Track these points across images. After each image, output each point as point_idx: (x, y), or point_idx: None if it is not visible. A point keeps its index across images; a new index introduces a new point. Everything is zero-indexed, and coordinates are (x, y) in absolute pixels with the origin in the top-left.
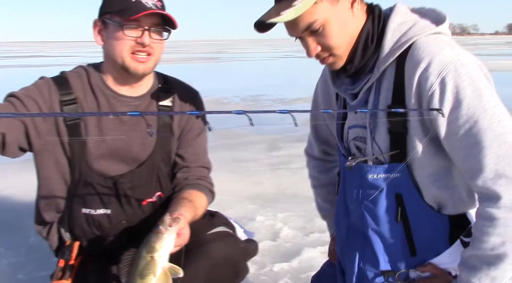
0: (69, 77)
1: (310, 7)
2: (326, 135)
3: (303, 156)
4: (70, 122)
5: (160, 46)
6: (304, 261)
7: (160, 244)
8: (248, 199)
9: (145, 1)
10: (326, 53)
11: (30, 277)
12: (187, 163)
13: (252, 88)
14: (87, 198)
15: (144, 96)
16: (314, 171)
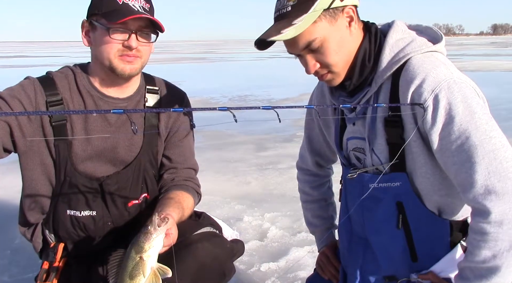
0: (55, 78)
1: (309, 26)
2: (320, 147)
3: (291, 156)
4: (56, 123)
5: (148, 49)
6: (292, 260)
7: (149, 244)
8: (236, 199)
9: (132, 3)
10: (325, 70)
11: (15, 280)
12: (174, 165)
13: (240, 88)
14: (72, 200)
15: (131, 97)
16: (306, 187)
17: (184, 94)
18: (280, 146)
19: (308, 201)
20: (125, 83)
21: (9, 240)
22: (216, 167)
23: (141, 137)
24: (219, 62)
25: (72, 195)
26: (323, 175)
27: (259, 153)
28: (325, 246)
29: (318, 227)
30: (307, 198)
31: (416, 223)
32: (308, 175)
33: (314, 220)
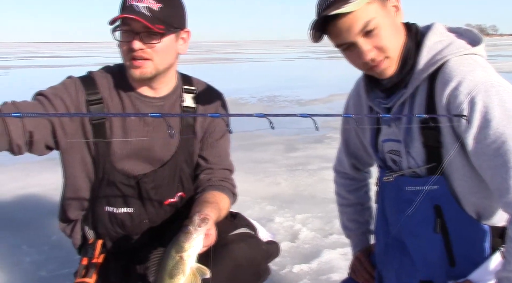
0: (96, 77)
1: (364, 5)
2: (356, 149)
3: (321, 157)
4: (96, 121)
5: (161, 49)
6: (324, 262)
7: (189, 244)
8: (266, 200)
9: (137, 4)
10: (382, 56)
11: (53, 275)
12: (210, 165)
13: (269, 88)
14: (110, 197)
15: (168, 96)
16: (342, 190)
17: (220, 94)
18: (310, 147)
19: (344, 205)
20: (156, 83)
21: (46, 236)
22: (246, 168)
23: (178, 137)
24: (247, 62)
25: (110, 192)
26: (360, 179)
27: (289, 154)
28: (359, 250)
29: (353, 231)
30: (343, 202)
31: (454, 227)
32: (344, 178)
33: (349, 224)
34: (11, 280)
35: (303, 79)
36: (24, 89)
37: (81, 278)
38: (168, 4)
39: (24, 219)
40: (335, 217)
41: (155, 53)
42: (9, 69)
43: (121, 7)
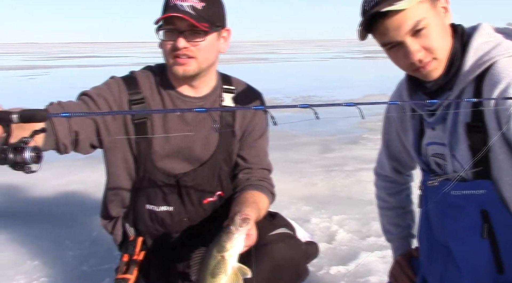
0: (138, 77)
1: (415, 4)
2: (398, 152)
3: (357, 158)
4: (138, 121)
5: (204, 47)
6: (361, 265)
7: (231, 244)
8: (302, 201)
9: (180, 3)
10: (429, 57)
11: (94, 270)
12: (249, 165)
13: (304, 89)
14: (151, 195)
15: (208, 96)
16: (383, 193)
17: (260, 94)
18: (346, 147)
19: (385, 208)
20: (197, 83)
21: (87, 232)
22: (282, 168)
23: (217, 136)
24: (282, 62)
25: (150, 191)
26: (402, 182)
27: (325, 155)
28: (400, 255)
29: (394, 235)
30: (384, 205)
31: (502, 233)
32: (385, 181)
33: (390, 227)
34: (55, 273)
35: (338, 79)
36: (63, 88)
37: (122, 274)
38: (211, 3)
39: (66, 215)
40: (372, 219)
41: (198, 51)
42: (49, 69)
43: (165, 6)
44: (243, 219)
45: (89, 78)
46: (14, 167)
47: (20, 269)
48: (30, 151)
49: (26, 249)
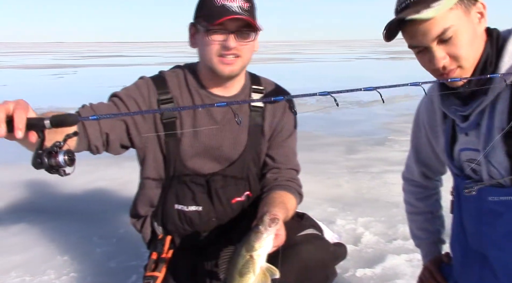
0: (167, 77)
1: (446, 11)
2: (427, 158)
3: (383, 160)
4: (166, 120)
5: (248, 48)
6: (388, 268)
7: (260, 243)
8: (328, 202)
9: (229, 4)
10: (454, 65)
11: (122, 266)
12: (277, 165)
13: (327, 89)
14: (180, 195)
15: (237, 96)
16: (411, 198)
17: (288, 94)
18: (372, 149)
19: (414, 213)
20: (229, 82)
21: (114, 229)
22: (307, 168)
23: (246, 136)
24: (306, 62)
25: (180, 190)
26: (431, 187)
27: (350, 156)
28: (429, 260)
29: (423, 240)
30: (413, 210)
31: None
32: (414, 186)
33: (419, 232)
34: (84, 269)
35: (363, 80)
36: (91, 87)
37: (151, 272)
38: (252, 3)
39: (94, 212)
40: (399, 222)
41: (244, 51)
42: (77, 68)
43: (210, 7)
44: (272, 219)
45: (116, 77)
46: (49, 170)
47: (50, 264)
48: (63, 155)
49: (56, 244)
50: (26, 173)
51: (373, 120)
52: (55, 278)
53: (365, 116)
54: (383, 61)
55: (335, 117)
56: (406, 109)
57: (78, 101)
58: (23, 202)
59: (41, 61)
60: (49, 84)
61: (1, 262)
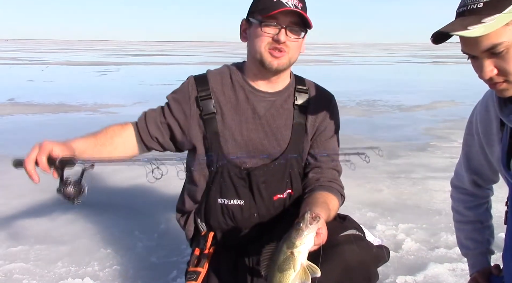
0: (208, 75)
1: (499, 27)
2: (479, 166)
3: (424, 166)
4: (206, 116)
5: (296, 45)
6: (430, 276)
7: (300, 240)
8: (367, 207)
9: (286, 0)
10: (501, 78)
11: (162, 261)
12: (319, 164)
13: (368, 92)
14: (223, 189)
15: (281, 92)
16: (460, 206)
17: (332, 96)
18: (413, 155)
19: (462, 222)
20: (275, 78)
21: (155, 224)
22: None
23: (289, 133)
24: (345, 65)
25: (223, 184)
26: (481, 196)
27: (390, 161)
28: (477, 271)
29: (471, 250)
30: (461, 219)
31: None
32: (463, 194)
33: (467, 242)
34: (126, 262)
35: (404, 84)
36: (133, 84)
37: (194, 267)
38: (305, 4)
39: (135, 206)
40: (441, 230)
41: (292, 47)
42: (120, 66)
43: (266, 2)
44: (313, 217)
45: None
46: (65, 199)
47: (94, 256)
48: (72, 187)
49: (100, 237)
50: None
51: (415, 125)
52: (98, 270)
53: (406, 120)
54: (425, 65)
55: (376, 121)
56: (450, 114)
57: (119, 97)
58: None
59: (85, 58)
60: (93, 80)
61: (49, 251)
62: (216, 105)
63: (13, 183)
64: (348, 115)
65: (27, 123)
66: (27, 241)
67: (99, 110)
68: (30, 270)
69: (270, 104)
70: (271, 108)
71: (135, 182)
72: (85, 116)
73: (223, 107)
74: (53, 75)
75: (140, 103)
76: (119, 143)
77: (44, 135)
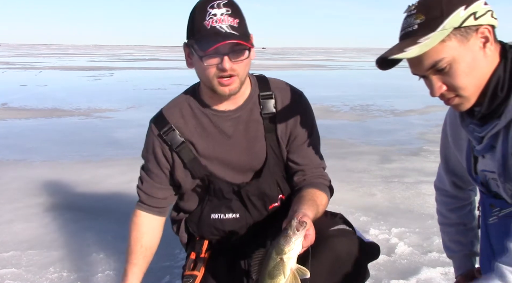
0: (165, 112)
1: (436, 45)
2: (456, 167)
3: (417, 170)
4: (178, 148)
5: (243, 64)
6: (423, 280)
7: (289, 247)
8: (360, 211)
9: (220, 25)
10: (452, 94)
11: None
12: (301, 167)
13: (362, 97)
14: (216, 205)
15: (243, 106)
16: (443, 208)
17: (300, 94)
18: (406, 159)
19: (446, 224)
20: (232, 97)
21: None
22: (340, 176)
23: (264, 144)
24: (340, 70)
25: (216, 200)
26: (463, 198)
27: (384, 165)
28: (461, 274)
29: (456, 252)
30: (445, 221)
31: None
32: (445, 196)
33: (451, 244)
34: (119, 267)
35: (398, 89)
36: (127, 89)
37: (190, 271)
38: (240, 16)
39: (129, 211)
40: (434, 234)
41: (240, 68)
42: (114, 70)
43: (201, 30)
44: (300, 223)
45: (151, 80)
46: None
47: (86, 261)
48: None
49: (92, 242)
50: (65, 171)
51: (408, 129)
52: (91, 275)
53: (400, 125)
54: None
55: (369, 126)
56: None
57: (113, 101)
58: (62, 200)
59: (79, 63)
60: (86, 85)
61: (41, 257)
62: (184, 135)
63: (5, 188)
64: (342, 119)
65: (20, 127)
66: (18, 246)
67: (92, 114)
68: (21, 276)
69: (236, 121)
70: (238, 124)
71: (127, 187)
72: (78, 120)
73: (191, 137)
74: (46, 80)
75: (134, 108)
76: (150, 239)
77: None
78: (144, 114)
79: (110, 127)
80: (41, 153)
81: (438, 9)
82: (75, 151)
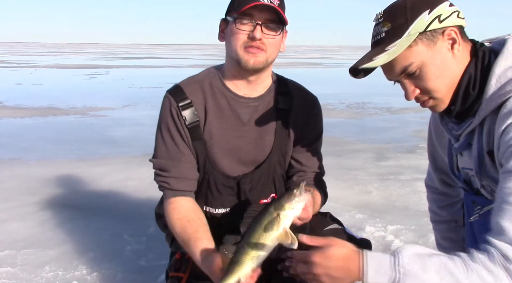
0: (183, 86)
1: (404, 51)
2: (443, 164)
3: (413, 168)
4: (190, 124)
5: (274, 42)
6: None
7: (290, 204)
8: (356, 208)
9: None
10: (426, 96)
11: (151, 265)
12: (303, 168)
13: (358, 95)
14: (209, 197)
15: (262, 96)
16: (434, 206)
17: (315, 99)
18: (402, 156)
19: (437, 221)
20: (254, 78)
21: (144, 228)
22: (336, 174)
23: (272, 138)
24: (336, 68)
25: (209, 193)
26: (453, 195)
27: (380, 163)
28: None
29: (448, 249)
30: (436, 218)
31: None
32: (435, 193)
33: (443, 242)
34: (115, 266)
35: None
36: (123, 87)
37: (175, 273)
38: (282, 1)
39: (124, 210)
40: (429, 231)
41: (269, 45)
42: (109, 69)
43: (244, 0)
44: (307, 189)
45: (147, 78)
46: None
47: (82, 260)
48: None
49: (88, 241)
50: (61, 170)
51: (404, 127)
52: (86, 273)
53: (396, 123)
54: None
55: (366, 123)
56: None
57: (109, 100)
58: (57, 199)
59: (75, 61)
60: (82, 83)
61: (36, 255)
62: (198, 114)
63: (0, 187)
64: (338, 117)
65: (15, 126)
66: (14, 245)
67: (88, 113)
68: (17, 275)
69: (253, 110)
70: (254, 113)
71: (123, 185)
72: (74, 119)
73: (207, 115)
74: (42, 78)
75: (129, 106)
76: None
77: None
78: (140, 113)
79: (106, 125)
80: (37, 152)
81: (403, 16)
82: (70, 150)
